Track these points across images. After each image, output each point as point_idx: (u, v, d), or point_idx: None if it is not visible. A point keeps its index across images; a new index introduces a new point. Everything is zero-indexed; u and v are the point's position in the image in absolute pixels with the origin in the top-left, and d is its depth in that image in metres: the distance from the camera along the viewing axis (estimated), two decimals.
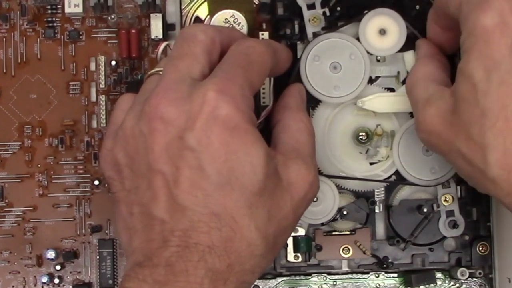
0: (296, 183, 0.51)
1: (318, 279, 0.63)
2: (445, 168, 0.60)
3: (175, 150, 0.48)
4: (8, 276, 0.63)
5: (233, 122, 0.48)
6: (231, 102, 0.48)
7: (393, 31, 0.60)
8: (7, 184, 0.63)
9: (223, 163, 0.48)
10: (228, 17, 0.62)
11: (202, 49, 0.52)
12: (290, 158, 0.52)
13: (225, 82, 0.49)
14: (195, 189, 0.48)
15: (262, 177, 0.48)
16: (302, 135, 0.54)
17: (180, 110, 0.48)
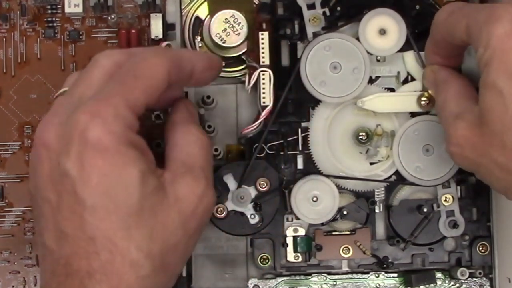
0: (183, 198, 0.50)
1: (318, 279, 0.63)
2: (445, 168, 0.60)
3: (57, 177, 0.48)
4: (8, 276, 0.63)
5: (102, 145, 0.47)
6: (100, 124, 0.47)
7: (393, 31, 0.60)
8: (7, 184, 0.63)
9: (95, 187, 0.47)
10: (228, 17, 0.62)
11: (101, 73, 0.51)
12: (178, 174, 0.51)
13: (97, 103, 0.48)
14: (73, 215, 0.47)
15: (137, 198, 0.48)
16: (191, 148, 0.52)
17: (59, 135, 0.48)
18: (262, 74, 0.60)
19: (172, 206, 0.49)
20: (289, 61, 0.62)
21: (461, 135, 0.51)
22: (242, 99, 0.64)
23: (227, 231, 0.60)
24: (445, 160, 0.60)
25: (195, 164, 0.52)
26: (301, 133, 0.61)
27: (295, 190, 0.60)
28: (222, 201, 0.59)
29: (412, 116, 0.61)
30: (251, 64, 0.61)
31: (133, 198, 0.48)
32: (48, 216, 0.49)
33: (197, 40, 0.63)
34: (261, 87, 0.60)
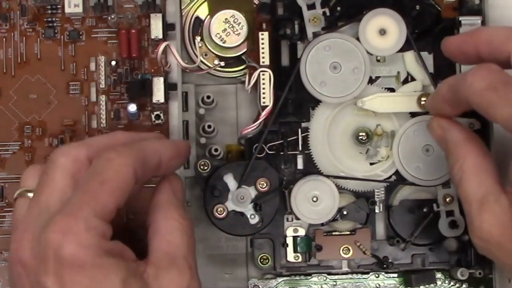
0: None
1: (318, 279, 0.63)
2: (445, 168, 0.60)
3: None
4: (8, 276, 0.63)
5: (79, 261, 0.46)
6: (72, 240, 0.46)
7: (393, 31, 0.60)
8: (7, 184, 0.63)
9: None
10: (228, 17, 0.62)
11: (63, 174, 0.50)
12: (161, 267, 0.49)
13: (66, 219, 0.47)
14: None
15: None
16: (173, 236, 0.51)
17: (33, 253, 0.48)
18: (262, 74, 0.60)
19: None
20: (289, 61, 0.62)
21: (487, 231, 0.49)
22: (242, 99, 0.64)
23: (227, 231, 0.60)
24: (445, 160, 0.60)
25: (177, 254, 0.50)
26: (301, 133, 0.61)
27: (295, 190, 0.60)
28: (222, 201, 0.59)
29: (412, 116, 0.61)
30: (251, 64, 0.61)
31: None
32: None
33: (197, 40, 0.63)
34: (261, 87, 0.60)
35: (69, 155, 0.50)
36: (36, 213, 0.49)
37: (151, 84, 0.62)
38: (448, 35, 0.62)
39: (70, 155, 0.50)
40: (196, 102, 0.62)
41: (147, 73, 0.63)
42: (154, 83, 0.62)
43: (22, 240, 0.49)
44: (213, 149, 0.62)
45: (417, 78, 0.61)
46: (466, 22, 0.61)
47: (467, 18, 0.61)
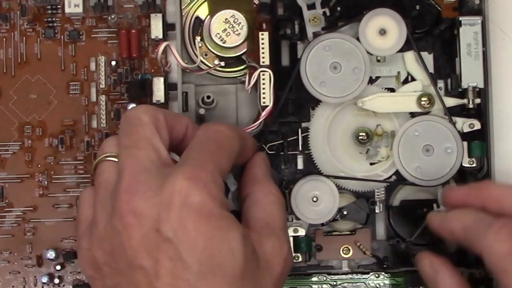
0: (272, 261, 0.50)
1: (318, 279, 0.63)
2: (445, 168, 0.60)
3: (153, 243, 0.48)
4: (8, 276, 0.63)
5: (207, 209, 0.47)
6: (203, 189, 0.48)
7: (393, 31, 0.60)
8: (7, 184, 0.63)
9: (202, 251, 0.47)
10: (228, 17, 0.62)
11: (152, 131, 0.51)
12: (264, 235, 0.51)
13: (195, 169, 0.49)
14: (177, 280, 0.47)
15: (242, 260, 0.48)
16: (273, 209, 0.53)
17: (152, 203, 0.48)
18: (262, 74, 0.60)
19: (265, 269, 0.50)
20: (289, 61, 0.62)
21: None
22: (242, 99, 0.64)
23: None
24: (445, 160, 0.60)
25: (277, 225, 0.52)
26: (301, 133, 0.61)
27: (295, 190, 0.60)
28: None
29: (412, 116, 0.61)
30: (251, 64, 0.61)
31: (238, 262, 0.48)
32: (140, 283, 0.48)
33: (197, 40, 0.63)
34: (261, 87, 0.60)
35: (150, 113, 0.52)
36: (141, 168, 0.50)
37: (151, 84, 0.62)
38: (448, 35, 0.62)
39: (151, 114, 0.52)
40: (196, 102, 0.62)
41: (147, 73, 0.63)
42: (154, 83, 0.62)
43: (134, 192, 0.48)
44: None
45: (417, 78, 0.61)
46: (466, 22, 0.61)
47: (467, 18, 0.61)
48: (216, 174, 0.49)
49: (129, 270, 0.48)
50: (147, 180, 0.49)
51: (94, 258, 0.50)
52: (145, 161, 0.50)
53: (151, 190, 0.48)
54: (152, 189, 0.48)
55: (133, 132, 0.51)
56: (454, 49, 0.62)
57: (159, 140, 0.51)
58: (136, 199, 0.48)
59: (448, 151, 0.60)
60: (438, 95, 0.60)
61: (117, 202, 0.49)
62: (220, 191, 0.49)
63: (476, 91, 0.61)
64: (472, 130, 0.61)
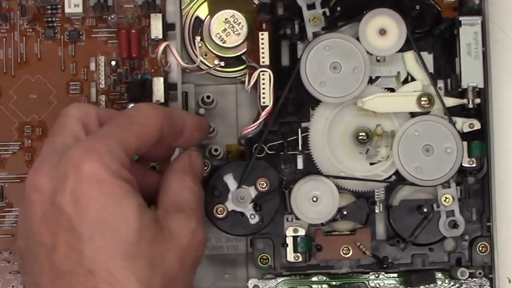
0: (177, 232, 0.50)
1: (318, 279, 0.63)
2: (445, 168, 0.60)
3: (51, 217, 0.48)
4: (8, 276, 0.63)
5: (97, 176, 0.47)
6: (94, 158, 0.48)
7: (393, 31, 0.60)
8: (7, 184, 0.63)
9: (93, 219, 0.47)
10: (228, 17, 0.62)
11: (75, 121, 0.52)
12: (169, 212, 0.51)
13: (91, 141, 0.49)
14: (71, 250, 0.47)
15: (136, 227, 0.47)
16: (183, 194, 0.53)
17: (51, 177, 0.48)
18: (262, 74, 0.60)
19: (168, 239, 0.50)
20: (289, 61, 0.62)
21: None
22: (242, 99, 0.64)
23: (227, 231, 0.60)
24: (445, 160, 0.60)
25: (186, 206, 0.52)
26: (301, 133, 0.61)
27: (295, 190, 0.60)
28: (222, 201, 0.59)
29: (412, 116, 0.61)
30: (251, 64, 0.61)
31: (132, 228, 0.47)
32: (43, 260, 0.48)
33: (197, 40, 0.63)
34: (261, 87, 0.60)
35: (80, 108, 0.53)
36: (51, 149, 0.50)
37: (151, 84, 0.62)
38: (448, 35, 0.62)
39: (81, 108, 0.53)
40: (196, 102, 0.62)
41: (147, 73, 0.63)
42: (154, 83, 0.62)
43: (38, 169, 0.49)
44: (213, 149, 0.62)
45: (417, 78, 0.61)
46: (466, 22, 0.61)
47: (467, 18, 0.61)
48: (115, 145, 0.49)
49: (36, 249, 0.48)
50: (52, 159, 0.49)
51: (18, 249, 0.51)
52: (58, 145, 0.50)
53: (53, 167, 0.49)
54: (55, 166, 0.49)
55: (57, 123, 0.52)
56: (454, 49, 0.62)
57: (80, 129, 0.51)
58: (38, 176, 0.49)
59: (448, 151, 0.60)
60: (438, 95, 0.60)
61: (25, 184, 0.49)
62: (116, 162, 0.48)
63: (476, 91, 0.61)
64: (472, 130, 0.61)
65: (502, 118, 0.64)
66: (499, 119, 0.64)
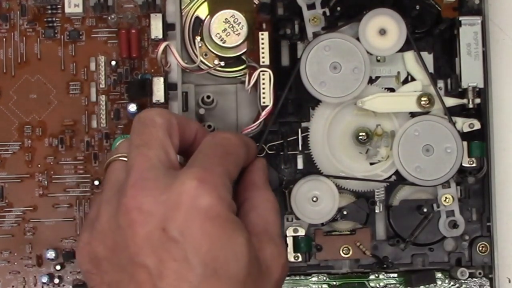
0: (272, 267, 0.50)
1: (318, 279, 0.63)
2: (445, 168, 0.60)
3: (157, 242, 0.47)
4: (8, 276, 0.63)
5: (214, 211, 0.47)
6: (212, 191, 0.48)
7: (393, 31, 0.60)
8: (7, 184, 0.63)
9: (206, 253, 0.47)
10: (228, 17, 0.62)
11: (164, 133, 0.51)
12: (263, 241, 0.51)
13: (204, 171, 0.49)
14: (180, 282, 0.47)
15: (245, 265, 0.48)
16: (270, 215, 0.53)
17: (159, 201, 0.48)
18: (262, 74, 0.60)
19: (265, 274, 0.50)
20: (289, 61, 0.62)
21: None
22: (242, 99, 0.64)
23: None
24: (445, 160, 0.60)
25: (274, 231, 0.53)
26: (301, 133, 0.61)
27: (295, 190, 0.60)
28: None
29: (412, 116, 0.61)
30: (251, 64, 0.61)
31: (242, 265, 0.48)
32: (142, 281, 0.47)
33: (197, 40, 0.63)
34: (261, 87, 0.60)
35: (164, 116, 0.52)
36: (149, 165, 0.49)
37: (151, 84, 0.62)
38: (448, 35, 0.62)
39: (165, 117, 0.52)
40: (196, 102, 0.62)
41: (147, 73, 0.63)
42: (154, 83, 0.62)
43: (141, 188, 0.48)
44: None
45: (417, 78, 0.61)
46: (466, 22, 0.61)
47: (467, 18, 0.61)
48: (225, 177, 0.49)
49: (132, 267, 0.48)
50: (155, 178, 0.49)
51: (94, 253, 0.50)
52: (155, 160, 0.50)
53: (158, 188, 0.48)
54: (160, 188, 0.48)
55: (145, 132, 0.51)
56: (454, 49, 0.62)
57: (169, 143, 0.51)
58: (143, 195, 0.48)
59: (448, 151, 0.60)
60: (438, 95, 0.60)
61: (123, 197, 0.48)
62: (228, 194, 0.49)
63: (476, 91, 0.61)
64: (472, 130, 0.61)
65: (502, 118, 0.64)
66: (499, 119, 0.64)
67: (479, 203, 0.62)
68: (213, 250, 0.47)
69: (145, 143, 0.51)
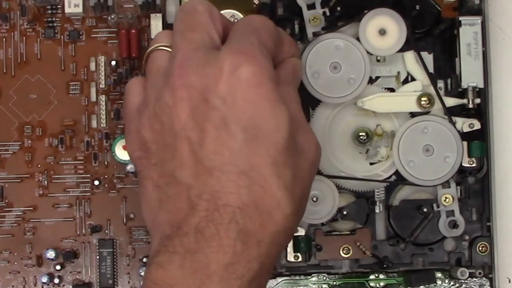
0: (306, 146, 0.50)
1: (318, 279, 0.63)
2: (445, 168, 0.60)
3: (201, 114, 0.47)
4: (8, 276, 0.63)
5: (256, 79, 0.47)
6: (252, 59, 0.48)
7: (393, 31, 0.60)
8: (7, 184, 0.63)
9: (248, 120, 0.47)
10: (228, 17, 0.62)
11: (207, 19, 0.51)
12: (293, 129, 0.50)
13: (242, 44, 0.49)
14: (221, 148, 0.47)
15: (286, 135, 0.48)
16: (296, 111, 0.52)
17: (203, 75, 0.48)
18: None
19: (301, 153, 0.50)
20: None
21: None
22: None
23: None
24: (445, 160, 0.60)
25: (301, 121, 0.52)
26: None
27: None
28: None
29: (412, 116, 0.61)
30: None
31: (283, 135, 0.48)
32: (185, 153, 0.47)
33: None
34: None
35: (205, 5, 0.52)
36: (194, 47, 0.50)
37: None
38: (448, 35, 0.62)
39: (208, 7, 0.52)
40: None
41: None
42: None
43: (187, 68, 0.48)
44: None
45: (417, 78, 0.61)
46: (466, 22, 0.61)
47: (467, 18, 0.61)
48: (262, 47, 0.49)
49: (175, 142, 0.48)
50: (200, 57, 0.49)
51: (143, 138, 0.50)
52: (199, 42, 0.50)
53: (202, 65, 0.48)
54: (203, 64, 0.48)
55: (188, 19, 0.51)
56: (454, 49, 0.62)
57: (212, 27, 0.51)
58: (189, 73, 0.48)
59: (448, 151, 0.60)
60: (438, 95, 0.60)
61: (170, 78, 0.49)
62: (269, 64, 0.49)
63: (476, 91, 0.61)
64: (472, 130, 0.61)
65: (502, 118, 0.64)
66: (499, 119, 0.64)
67: (479, 203, 0.62)
68: (255, 117, 0.47)
69: (188, 28, 0.51)
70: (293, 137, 0.49)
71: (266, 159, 0.47)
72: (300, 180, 0.49)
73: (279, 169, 0.47)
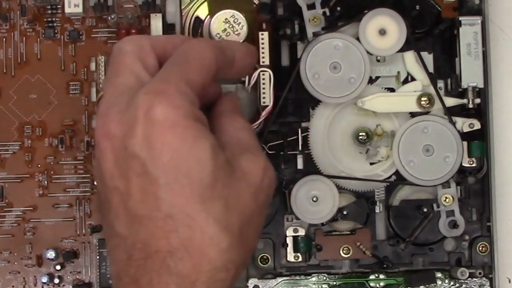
0: (249, 172, 0.49)
1: (318, 279, 0.63)
2: (445, 168, 0.60)
3: (123, 163, 0.47)
4: (8, 276, 0.63)
5: (170, 120, 0.47)
6: (164, 100, 0.47)
7: (393, 31, 0.60)
8: (7, 184, 0.63)
9: (168, 163, 0.46)
10: (228, 17, 0.62)
11: (133, 59, 0.51)
12: (236, 153, 0.50)
13: (157, 83, 0.48)
14: (146, 196, 0.47)
15: (210, 169, 0.47)
16: (241, 133, 0.52)
17: (121, 122, 0.48)
18: (262, 74, 0.60)
19: (241, 179, 0.49)
20: (289, 61, 0.62)
21: None
22: (242, 99, 0.64)
23: None
24: (445, 160, 0.60)
25: (249, 145, 0.51)
26: (301, 133, 0.61)
27: (295, 190, 0.60)
28: None
29: (412, 116, 0.61)
30: None
31: (207, 170, 0.47)
32: (117, 205, 0.48)
33: None
34: (261, 87, 0.60)
35: (133, 42, 0.51)
36: (116, 92, 0.49)
37: None
38: (448, 35, 0.62)
39: (134, 43, 0.51)
40: None
41: None
42: None
43: (107, 115, 0.48)
44: None
45: (417, 78, 0.61)
46: (466, 22, 0.61)
47: (467, 18, 0.61)
48: (182, 85, 0.48)
49: (108, 193, 0.48)
50: (122, 102, 0.48)
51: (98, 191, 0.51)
52: (122, 86, 0.50)
53: (121, 111, 0.48)
54: (123, 110, 0.48)
55: (114, 62, 0.51)
56: (454, 49, 0.62)
57: (140, 66, 0.50)
58: (108, 122, 0.48)
59: (448, 151, 0.60)
60: (438, 95, 0.60)
61: (96, 130, 0.49)
62: (186, 102, 0.48)
63: (476, 91, 0.61)
64: (472, 130, 0.61)
65: (502, 118, 0.64)
66: (499, 119, 0.64)
67: (479, 203, 0.62)
68: (174, 159, 0.46)
69: (113, 73, 0.51)
70: (227, 165, 0.48)
71: (191, 199, 0.47)
72: (238, 208, 0.48)
73: (207, 205, 0.47)
